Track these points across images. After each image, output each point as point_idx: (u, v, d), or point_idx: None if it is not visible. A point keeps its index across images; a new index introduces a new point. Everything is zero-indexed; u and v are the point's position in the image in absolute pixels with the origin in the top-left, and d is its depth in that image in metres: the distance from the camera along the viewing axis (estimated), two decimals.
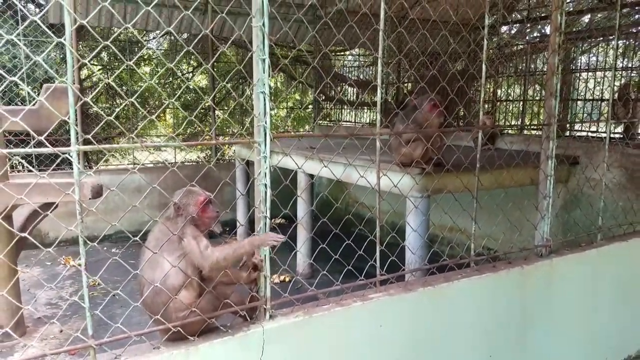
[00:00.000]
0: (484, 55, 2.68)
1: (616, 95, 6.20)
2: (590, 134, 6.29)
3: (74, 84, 1.73)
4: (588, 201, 3.77)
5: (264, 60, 2.01)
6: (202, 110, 12.08)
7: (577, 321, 3.32)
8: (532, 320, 3.05)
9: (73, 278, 5.86)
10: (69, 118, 1.69)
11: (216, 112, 9.41)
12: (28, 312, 4.79)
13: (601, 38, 8.11)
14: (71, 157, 1.70)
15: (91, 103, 2.16)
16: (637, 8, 7.37)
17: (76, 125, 1.74)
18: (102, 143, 8.91)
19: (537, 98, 9.08)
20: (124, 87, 10.96)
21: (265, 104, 2.04)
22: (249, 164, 7.14)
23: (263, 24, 1.97)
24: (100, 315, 1.88)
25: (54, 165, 2.39)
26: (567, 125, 6.82)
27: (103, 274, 5.76)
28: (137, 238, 1.91)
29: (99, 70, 11.38)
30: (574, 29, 8.46)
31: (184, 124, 11.04)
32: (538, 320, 3.08)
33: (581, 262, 3.27)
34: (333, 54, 11.17)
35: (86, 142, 5.62)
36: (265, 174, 2.09)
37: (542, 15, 8.85)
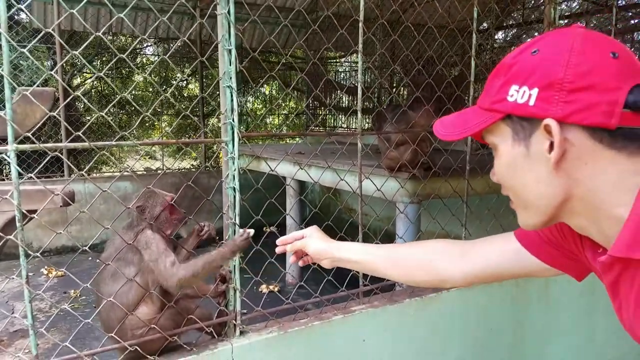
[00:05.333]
0: (473, 51, 2.53)
1: None
2: None
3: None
4: None
5: (229, 51, 1.84)
6: (196, 118, 11.91)
7: (576, 331, 3.14)
8: (527, 331, 2.87)
9: (54, 289, 5.65)
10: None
11: (209, 118, 9.23)
12: (4, 324, 4.59)
13: None
14: (8, 157, 1.53)
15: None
16: (632, 12, 7.26)
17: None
18: (87, 149, 8.74)
19: None
20: (117, 96, 10.79)
21: (232, 100, 1.87)
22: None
23: (228, 12, 1.81)
24: (45, 332, 1.69)
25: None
26: None
27: (88, 285, 5.59)
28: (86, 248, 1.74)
29: (90, 77, 11.23)
30: None
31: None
32: (534, 331, 2.90)
33: None
34: (330, 60, 11.05)
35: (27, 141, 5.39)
36: (234, 176, 1.92)
37: (537, 19, 8.75)
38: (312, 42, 8.57)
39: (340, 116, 10.91)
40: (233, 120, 1.88)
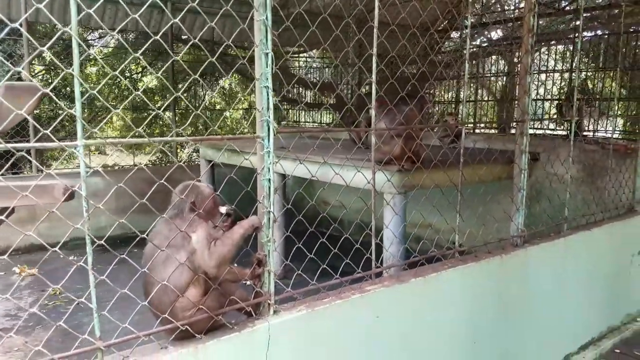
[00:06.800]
0: (467, 54, 2.80)
1: (564, 96, 6.65)
2: (547, 131, 6.69)
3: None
4: (549, 195, 4.01)
5: (267, 54, 2.01)
6: (151, 112, 11.69)
7: (550, 305, 3.53)
8: (511, 305, 3.22)
9: (31, 287, 5.52)
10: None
11: (174, 112, 9.13)
12: None
13: (542, 43, 8.64)
14: (77, 151, 1.63)
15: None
16: (587, 15, 7.85)
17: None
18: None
19: (486, 99, 9.56)
20: (68, 89, 10.41)
21: (268, 99, 2.04)
22: (214, 165, 7.00)
23: (266, 18, 1.97)
24: (64, 326, 1.75)
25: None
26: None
27: (64, 282, 5.48)
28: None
29: (41, 70, 10.76)
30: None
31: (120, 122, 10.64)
32: (516, 305, 3.26)
33: (551, 251, 3.49)
34: (294, 55, 11.18)
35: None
36: (269, 169, 2.09)
37: (498, 19, 9.27)
38: (281, 37, 8.67)
39: (303, 109, 11.13)
40: (269, 117, 2.05)
